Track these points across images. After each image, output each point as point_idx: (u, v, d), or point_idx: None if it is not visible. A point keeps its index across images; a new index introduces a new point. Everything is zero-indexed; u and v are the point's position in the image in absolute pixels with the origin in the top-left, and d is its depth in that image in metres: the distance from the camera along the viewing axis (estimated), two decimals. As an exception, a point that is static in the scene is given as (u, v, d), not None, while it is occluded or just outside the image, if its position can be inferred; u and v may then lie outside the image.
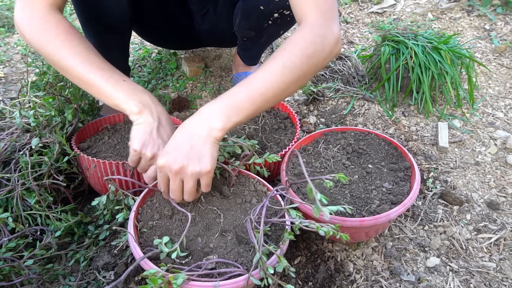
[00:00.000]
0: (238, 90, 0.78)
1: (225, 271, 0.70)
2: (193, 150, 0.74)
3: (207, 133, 0.75)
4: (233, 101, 0.77)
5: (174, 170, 0.74)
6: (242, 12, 1.14)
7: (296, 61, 0.77)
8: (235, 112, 0.76)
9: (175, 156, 0.74)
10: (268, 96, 0.77)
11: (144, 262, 0.71)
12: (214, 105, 0.77)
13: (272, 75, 0.77)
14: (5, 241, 0.84)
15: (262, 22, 1.15)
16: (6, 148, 0.94)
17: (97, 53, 0.86)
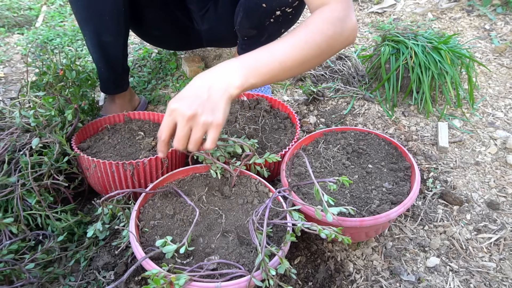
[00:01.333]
0: (259, 54, 0.78)
1: (227, 272, 0.70)
2: (209, 100, 0.73)
3: (225, 88, 0.74)
4: (253, 63, 0.77)
5: (187, 115, 0.72)
6: (244, 10, 1.14)
7: (317, 39, 0.79)
8: (254, 73, 0.76)
9: (190, 102, 0.72)
10: (286, 67, 0.79)
11: (146, 262, 0.71)
12: (235, 63, 0.77)
13: (294, 48, 0.78)
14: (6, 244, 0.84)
15: (264, 20, 1.15)
16: (6, 148, 0.94)
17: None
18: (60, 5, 2.31)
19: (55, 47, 1.88)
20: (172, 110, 0.73)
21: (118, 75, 1.26)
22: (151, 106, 1.48)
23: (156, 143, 1.10)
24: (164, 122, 0.76)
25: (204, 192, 0.90)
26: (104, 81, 1.25)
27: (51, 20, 2.15)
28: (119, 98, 1.31)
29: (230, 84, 0.75)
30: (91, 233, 0.85)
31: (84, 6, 1.03)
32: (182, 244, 0.73)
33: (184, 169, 0.95)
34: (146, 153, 1.05)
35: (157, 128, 1.18)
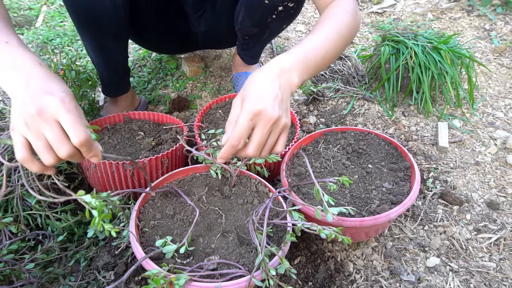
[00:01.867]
0: (306, 48, 0.77)
1: (227, 272, 0.70)
2: (283, 101, 0.69)
3: (289, 87, 0.72)
4: (304, 59, 0.76)
5: (274, 117, 0.65)
6: (246, 8, 1.14)
7: (345, 30, 0.82)
8: (306, 70, 0.76)
9: (272, 103, 0.65)
10: (325, 60, 0.80)
11: (146, 262, 0.71)
12: (291, 59, 0.74)
13: (330, 41, 0.80)
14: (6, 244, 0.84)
15: (266, 17, 1.15)
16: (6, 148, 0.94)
17: None
18: (60, 5, 2.31)
19: (55, 47, 1.88)
20: (256, 113, 0.65)
21: (119, 78, 1.25)
22: (151, 106, 1.48)
23: (156, 143, 1.10)
24: (243, 126, 0.65)
25: (204, 192, 0.90)
26: (106, 84, 1.25)
27: (51, 20, 2.15)
28: (121, 99, 1.31)
29: (292, 83, 0.72)
30: (91, 233, 0.85)
31: (83, 12, 1.02)
32: (182, 244, 0.73)
33: (184, 169, 0.95)
34: (146, 153, 1.05)
35: (157, 128, 1.18)
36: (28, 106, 0.57)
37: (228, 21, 1.27)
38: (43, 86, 0.60)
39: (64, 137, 0.59)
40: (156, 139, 1.12)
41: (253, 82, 0.69)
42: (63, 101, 0.59)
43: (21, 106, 0.58)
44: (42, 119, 0.57)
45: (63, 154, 0.59)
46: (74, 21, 1.06)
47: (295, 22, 2.03)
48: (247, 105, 0.65)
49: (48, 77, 0.63)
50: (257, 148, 0.67)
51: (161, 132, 1.15)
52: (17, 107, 0.59)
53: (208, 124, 1.16)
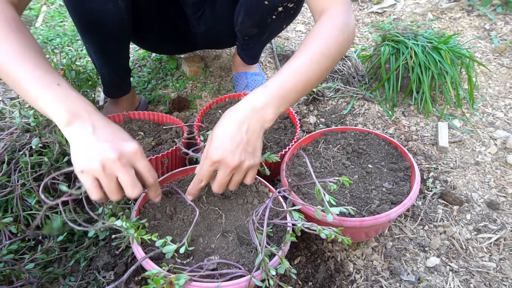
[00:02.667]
0: (283, 78, 0.77)
1: (227, 272, 0.70)
2: (249, 144, 0.72)
3: (261, 126, 0.74)
4: (282, 91, 0.76)
5: (232, 165, 0.71)
6: (245, 9, 1.14)
7: (331, 48, 0.80)
8: (283, 102, 0.76)
9: (232, 151, 0.70)
10: (308, 84, 0.79)
11: (146, 262, 0.71)
12: (266, 94, 0.75)
13: (313, 63, 0.78)
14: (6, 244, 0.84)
15: (266, 17, 1.15)
16: (6, 148, 0.94)
17: (38, 50, 0.72)
18: (60, 5, 2.31)
19: (55, 47, 1.88)
20: (215, 161, 0.71)
21: (121, 79, 1.26)
22: (151, 106, 1.48)
23: (156, 143, 1.10)
24: (204, 170, 0.73)
25: (204, 192, 0.90)
26: (108, 85, 1.25)
27: (51, 20, 2.15)
28: (122, 101, 1.31)
29: (265, 120, 0.74)
30: (92, 233, 0.85)
31: (86, 15, 1.01)
32: (182, 244, 0.73)
33: (184, 169, 0.95)
34: (146, 153, 1.05)
35: (157, 128, 1.18)
36: (108, 151, 0.64)
37: (228, 22, 1.26)
38: (114, 133, 0.68)
39: (137, 180, 0.67)
40: (156, 139, 1.12)
41: (222, 125, 0.73)
42: (139, 149, 0.68)
43: (94, 150, 0.64)
44: (121, 163, 0.64)
45: (135, 195, 0.67)
46: (76, 24, 1.05)
47: (295, 22, 2.03)
48: (209, 152, 0.71)
49: (110, 123, 0.71)
50: (219, 187, 0.74)
51: (161, 132, 1.15)
52: (86, 151, 0.64)
53: (208, 124, 1.16)
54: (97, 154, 0.64)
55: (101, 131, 0.67)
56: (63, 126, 0.67)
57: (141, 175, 0.69)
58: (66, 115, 0.66)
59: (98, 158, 0.63)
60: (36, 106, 0.69)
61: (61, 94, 0.68)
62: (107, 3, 0.99)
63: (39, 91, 0.67)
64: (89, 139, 0.65)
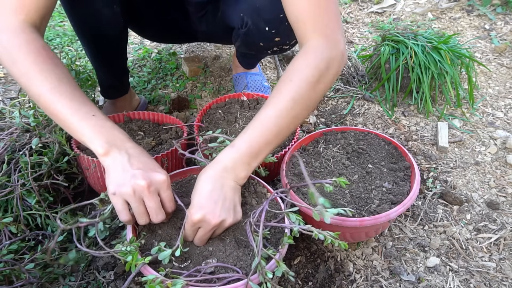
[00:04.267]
0: (253, 134, 0.77)
1: (224, 276, 0.70)
2: (227, 201, 0.74)
3: (235, 184, 0.76)
4: (252, 148, 0.76)
5: (213, 224, 0.72)
6: (241, 40, 1.15)
7: (303, 92, 0.76)
8: (255, 158, 0.77)
9: (212, 209, 0.72)
10: (281, 134, 0.78)
11: (143, 267, 0.70)
12: (235, 155, 0.76)
13: (283, 112, 0.76)
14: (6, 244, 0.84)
15: (262, 52, 1.20)
16: (6, 148, 0.94)
17: (71, 80, 0.76)
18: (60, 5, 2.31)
19: (55, 47, 1.88)
20: (198, 221, 0.72)
21: (118, 81, 1.26)
22: (151, 106, 1.48)
23: (156, 143, 1.10)
24: (188, 229, 0.75)
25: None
26: (105, 86, 1.25)
27: (51, 20, 2.15)
28: (120, 101, 1.31)
29: (238, 178, 0.76)
30: (92, 232, 0.85)
31: (83, 19, 1.02)
32: (176, 247, 0.72)
33: (182, 170, 0.95)
34: (146, 153, 1.05)
35: (157, 128, 1.18)
36: (139, 178, 0.69)
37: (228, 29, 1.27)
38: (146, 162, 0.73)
39: (161, 206, 0.73)
40: (156, 139, 1.12)
41: (197, 187, 0.75)
42: (166, 180, 0.73)
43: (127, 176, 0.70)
44: (149, 191, 0.70)
45: (158, 220, 0.73)
46: (73, 28, 1.06)
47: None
48: (190, 213, 0.73)
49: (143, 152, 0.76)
50: (200, 243, 0.76)
51: (161, 132, 1.15)
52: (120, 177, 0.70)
53: (208, 124, 1.16)
54: (129, 180, 0.69)
55: (135, 159, 0.72)
56: (101, 156, 0.72)
57: (163, 204, 0.74)
58: (104, 145, 0.72)
59: (130, 183, 0.69)
60: (75, 136, 0.74)
61: (96, 124, 0.73)
62: (103, 7, 1.00)
63: (76, 123, 0.72)
64: (124, 166, 0.71)
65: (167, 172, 0.94)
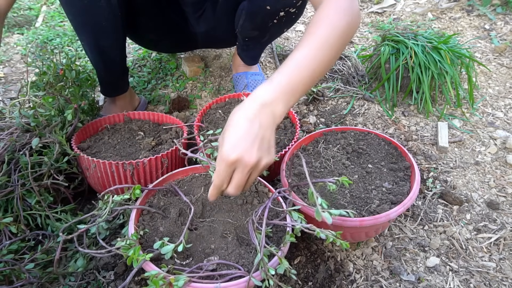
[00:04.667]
0: (290, 71, 0.74)
1: (226, 273, 0.70)
2: (264, 141, 0.69)
3: (272, 121, 0.71)
4: (290, 85, 0.73)
5: (250, 164, 0.67)
6: (246, 13, 1.14)
7: (335, 36, 0.77)
8: (292, 96, 0.73)
9: (249, 148, 0.67)
10: (315, 76, 0.77)
11: (146, 264, 0.71)
12: (275, 89, 0.72)
13: (318, 53, 0.75)
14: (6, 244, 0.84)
15: (267, 21, 1.15)
16: (6, 148, 0.94)
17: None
18: (60, 5, 2.31)
19: (55, 47, 1.88)
20: (234, 161, 0.67)
21: (117, 78, 1.25)
22: (151, 106, 1.48)
23: (156, 143, 1.10)
24: (222, 174, 0.69)
25: (203, 192, 0.90)
26: (104, 84, 1.25)
27: (51, 20, 2.15)
28: (120, 99, 1.31)
29: (276, 115, 0.72)
30: (94, 229, 0.85)
31: (79, 12, 1.02)
32: (179, 242, 0.73)
33: (183, 169, 0.95)
34: (146, 153, 1.05)
35: (157, 128, 1.18)
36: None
37: (229, 23, 1.26)
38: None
39: None
40: (156, 139, 1.12)
41: (232, 124, 0.70)
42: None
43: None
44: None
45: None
46: (71, 22, 1.07)
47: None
48: (224, 153, 0.68)
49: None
50: (237, 189, 0.71)
51: (161, 132, 1.15)
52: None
53: (208, 124, 1.16)
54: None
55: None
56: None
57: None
58: None
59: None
60: None
61: None
62: (99, 0, 1.00)
63: None
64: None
65: (167, 172, 0.95)
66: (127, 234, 0.77)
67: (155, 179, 0.96)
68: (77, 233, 0.75)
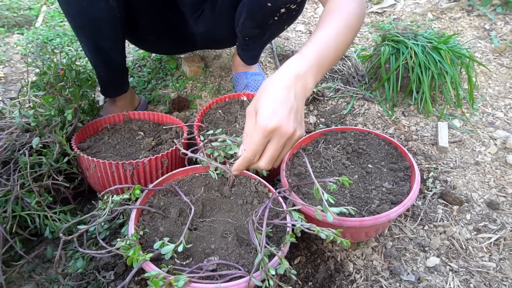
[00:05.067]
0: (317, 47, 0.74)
1: (226, 273, 0.70)
2: (298, 112, 0.68)
3: (304, 93, 0.70)
4: (317, 60, 0.73)
5: (288, 134, 0.65)
6: (247, 10, 1.14)
7: (353, 21, 0.81)
8: (320, 71, 0.74)
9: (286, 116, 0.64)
10: (336, 55, 0.78)
11: (146, 264, 0.71)
12: (306, 62, 0.71)
13: (340, 35, 0.78)
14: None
15: (268, 19, 1.15)
16: (6, 148, 0.94)
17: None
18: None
19: (55, 47, 1.88)
20: (271, 130, 0.64)
21: (117, 78, 1.25)
22: (151, 106, 1.48)
23: (156, 143, 1.10)
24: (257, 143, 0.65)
25: (203, 192, 0.90)
26: (104, 84, 1.25)
27: (51, 20, 2.15)
28: (120, 99, 1.31)
29: (307, 88, 0.70)
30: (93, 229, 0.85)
31: (78, 14, 1.02)
32: (180, 243, 0.72)
33: (183, 169, 0.95)
34: (146, 153, 1.05)
35: (157, 128, 1.18)
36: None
37: (228, 22, 1.26)
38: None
39: None
40: (156, 139, 1.12)
41: (268, 92, 0.67)
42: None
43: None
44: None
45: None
46: (70, 23, 1.06)
47: (295, 22, 2.03)
48: (262, 121, 0.64)
49: None
50: (270, 162, 0.67)
51: (161, 132, 1.15)
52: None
53: (208, 124, 1.16)
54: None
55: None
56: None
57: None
58: None
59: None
60: None
61: None
62: (98, 1, 1.00)
63: None
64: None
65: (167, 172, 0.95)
66: (127, 234, 0.77)
67: (155, 179, 0.96)
68: (77, 233, 0.75)
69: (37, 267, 0.92)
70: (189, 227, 0.79)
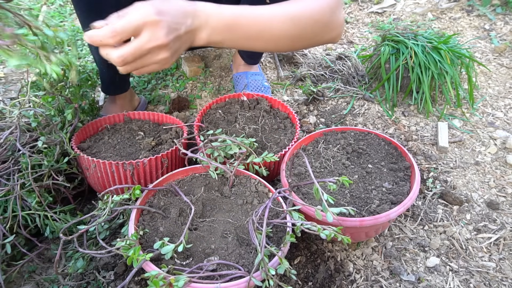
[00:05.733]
0: (241, 12, 0.69)
1: (226, 273, 0.70)
2: (181, 40, 0.64)
3: (195, 36, 0.66)
4: (231, 22, 0.67)
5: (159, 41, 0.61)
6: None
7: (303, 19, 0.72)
8: (227, 33, 0.68)
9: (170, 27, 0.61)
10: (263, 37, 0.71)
11: (146, 264, 0.71)
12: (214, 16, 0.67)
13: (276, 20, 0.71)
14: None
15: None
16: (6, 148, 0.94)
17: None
18: (60, 5, 2.31)
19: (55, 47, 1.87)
20: (152, 22, 0.58)
21: (119, 76, 1.25)
22: (151, 106, 1.48)
23: (156, 143, 1.10)
24: (130, 22, 0.59)
25: (203, 192, 0.90)
26: (106, 82, 1.25)
27: (51, 20, 2.15)
28: (120, 99, 1.31)
29: (201, 36, 0.66)
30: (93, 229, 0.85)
31: (87, 8, 1.03)
32: (180, 243, 0.73)
33: (183, 169, 0.95)
34: (146, 153, 1.05)
35: (157, 128, 1.18)
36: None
37: None
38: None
39: None
40: (156, 139, 1.12)
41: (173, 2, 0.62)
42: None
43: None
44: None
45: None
46: (78, 17, 1.06)
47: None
48: (148, 9, 0.58)
49: None
50: (123, 59, 0.60)
51: (161, 132, 1.15)
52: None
53: (208, 124, 1.16)
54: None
55: None
56: None
57: None
58: None
59: None
60: None
61: None
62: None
63: None
64: None
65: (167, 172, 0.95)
66: (127, 234, 0.77)
67: (155, 179, 0.96)
68: (77, 234, 0.75)
69: (37, 267, 0.92)
70: (189, 227, 0.79)
